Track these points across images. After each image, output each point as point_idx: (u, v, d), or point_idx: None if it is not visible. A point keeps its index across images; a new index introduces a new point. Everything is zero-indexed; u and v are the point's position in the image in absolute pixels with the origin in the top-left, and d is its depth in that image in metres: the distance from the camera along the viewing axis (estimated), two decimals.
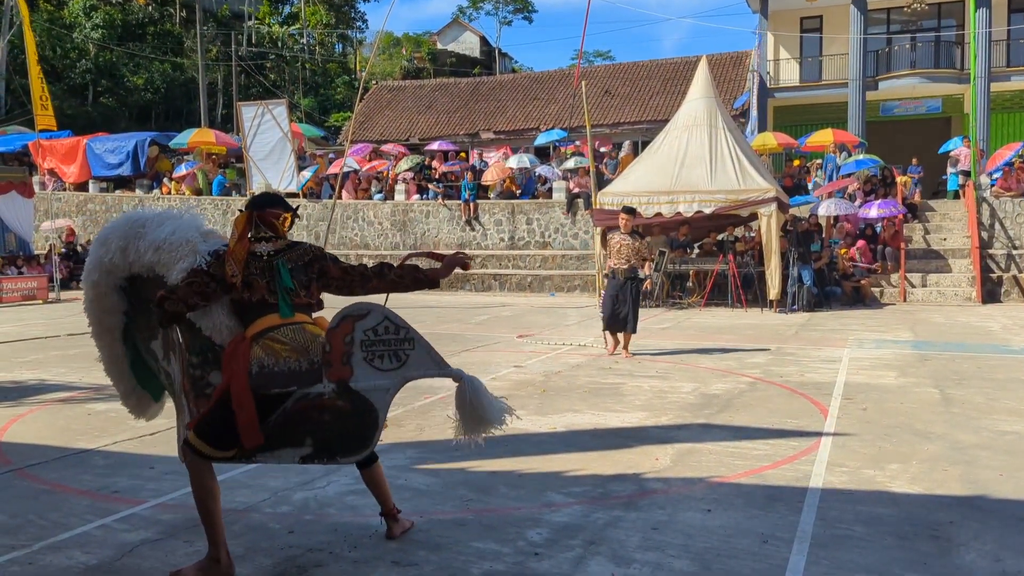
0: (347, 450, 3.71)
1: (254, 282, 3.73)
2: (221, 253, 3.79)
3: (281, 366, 3.62)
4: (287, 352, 3.64)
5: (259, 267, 3.76)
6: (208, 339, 3.75)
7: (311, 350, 3.66)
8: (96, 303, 4.20)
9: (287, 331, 3.69)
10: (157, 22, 48.36)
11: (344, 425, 3.66)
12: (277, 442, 3.67)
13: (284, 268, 3.79)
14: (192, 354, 3.78)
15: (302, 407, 3.63)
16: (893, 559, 3.83)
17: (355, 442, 3.69)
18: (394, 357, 3.66)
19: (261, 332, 3.68)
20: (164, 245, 3.86)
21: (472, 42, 62.64)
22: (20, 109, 37.15)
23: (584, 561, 3.83)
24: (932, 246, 18.65)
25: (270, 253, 3.80)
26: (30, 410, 7.23)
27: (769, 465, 5.38)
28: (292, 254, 3.85)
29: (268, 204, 3.85)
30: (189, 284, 3.66)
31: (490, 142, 31.37)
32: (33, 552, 3.98)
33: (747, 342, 11.48)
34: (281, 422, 3.64)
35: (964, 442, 5.95)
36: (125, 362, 4.37)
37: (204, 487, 3.65)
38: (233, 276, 3.70)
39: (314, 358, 3.65)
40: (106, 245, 4.04)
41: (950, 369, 9.12)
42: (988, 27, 24.46)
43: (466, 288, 21.06)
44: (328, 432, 3.66)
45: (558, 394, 7.84)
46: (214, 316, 3.75)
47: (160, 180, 26.47)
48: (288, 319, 3.73)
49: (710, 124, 16.13)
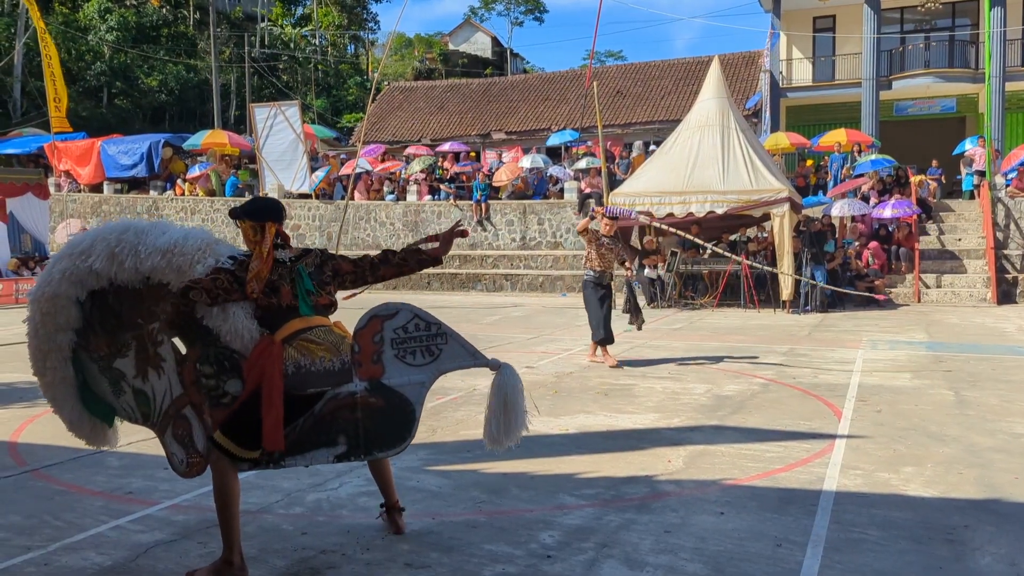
0: (384, 445, 3.75)
1: (280, 287, 3.79)
2: (242, 260, 3.82)
3: (317, 366, 3.67)
4: (322, 351, 3.70)
5: (282, 272, 3.83)
6: (225, 347, 3.72)
7: (342, 350, 3.73)
8: (50, 319, 3.92)
9: (320, 332, 3.76)
10: (171, 24, 48.63)
11: (379, 421, 3.71)
12: (309, 444, 3.70)
13: (305, 272, 3.88)
14: (204, 364, 3.74)
15: (333, 408, 3.68)
16: (908, 563, 3.81)
17: (392, 437, 3.74)
18: (427, 352, 3.74)
19: (292, 335, 3.72)
20: (175, 249, 3.78)
21: (484, 43, 62.70)
22: (36, 111, 37.41)
23: (596, 564, 3.82)
24: (947, 246, 18.54)
25: (291, 259, 3.88)
26: (45, 411, 7.25)
27: (782, 467, 5.36)
28: (309, 257, 3.95)
29: (277, 215, 3.92)
30: (213, 279, 3.67)
31: (502, 143, 31.37)
32: (49, 553, 4.00)
33: (760, 343, 11.44)
34: (312, 425, 3.68)
35: (979, 445, 5.91)
36: (75, 386, 4.05)
37: (226, 487, 3.68)
38: (253, 292, 3.73)
39: (344, 358, 3.71)
40: (87, 253, 3.83)
41: (965, 371, 9.07)
42: (1003, 26, 24.31)
43: (478, 288, 21.07)
44: (361, 429, 3.71)
45: (570, 395, 7.84)
46: (236, 321, 3.72)
47: (174, 181, 26.59)
48: (311, 320, 3.79)
49: (722, 124, 16.09)
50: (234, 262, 3.79)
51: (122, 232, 3.86)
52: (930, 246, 18.44)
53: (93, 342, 3.93)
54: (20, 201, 20.36)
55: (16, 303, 18.32)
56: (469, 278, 21.32)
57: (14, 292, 18.66)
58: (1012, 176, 19.31)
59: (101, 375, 3.96)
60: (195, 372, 3.76)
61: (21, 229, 21.13)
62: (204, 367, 3.74)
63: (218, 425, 3.69)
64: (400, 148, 30.61)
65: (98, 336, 3.92)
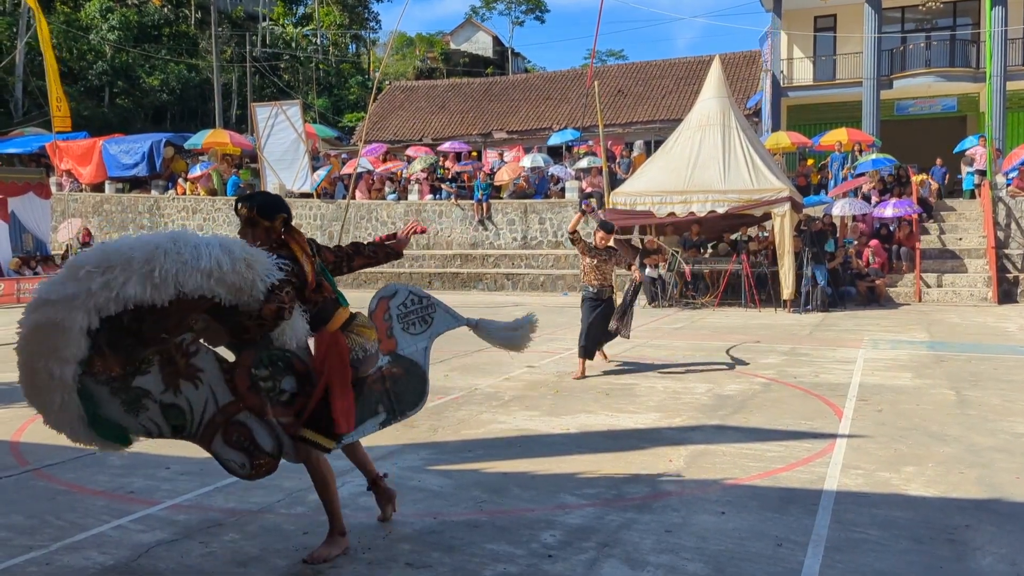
0: (410, 404, 4.30)
1: (321, 283, 4.00)
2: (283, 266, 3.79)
3: (370, 349, 4.07)
4: (375, 335, 4.14)
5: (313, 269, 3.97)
6: (278, 349, 3.81)
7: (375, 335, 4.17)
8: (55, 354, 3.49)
9: (361, 318, 4.14)
10: (172, 23, 48.64)
11: (403, 386, 4.26)
12: (358, 419, 4.06)
13: (324, 266, 4.10)
14: (259, 368, 3.78)
15: (370, 382, 4.15)
16: (909, 563, 3.82)
17: (414, 396, 4.31)
18: (422, 321, 4.43)
19: (344, 324, 4.00)
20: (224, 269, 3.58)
21: (485, 42, 62.69)
22: (37, 111, 37.43)
23: (598, 563, 3.83)
24: (948, 246, 18.53)
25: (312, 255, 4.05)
26: None
27: (783, 467, 5.36)
28: (320, 254, 4.15)
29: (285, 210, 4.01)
30: (287, 293, 3.76)
31: (503, 142, 31.37)
32: (50, 552, 4.01)
33: (761, 342, 11.43)
34: (358, 401, 4.05)
35: (980, 444, 5.91)
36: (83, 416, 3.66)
37: (325, 474, 3.95)
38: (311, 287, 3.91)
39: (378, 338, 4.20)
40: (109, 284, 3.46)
41: (966, 370, 9.07)
42: (1004, 25, 24.29)
43: (479, 287, 21.08)
44: (392, 396, 4.22)
45: (571, 395, 7.84)
46: (296, 322, 3.86)
47: (175, 181, 26.61)
48: (350, 310, 4.08)
49: (723, 124, 16.08)
50: (285, 267, 3.79)
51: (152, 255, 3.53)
52: (931, 245, 18.43)
53: (100, 365, 3.66)
54: (22, 200, 20.38)
55: (18, 302, 18.34)
56: (470, 277, 21.33)
57: (15, 291, 18.66)
58: (1013, 175, 19.30)
59: (113, 397, 3.72)
60: (250, 377, 3.79)
61: (23, 228, 21.15)
62: (259, 371, 3.80)
63: (293, 423, 3.86)
64: (401, 147, 30.62)
65: (107, 358, 3.67)
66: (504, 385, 8.34)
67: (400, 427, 5.87)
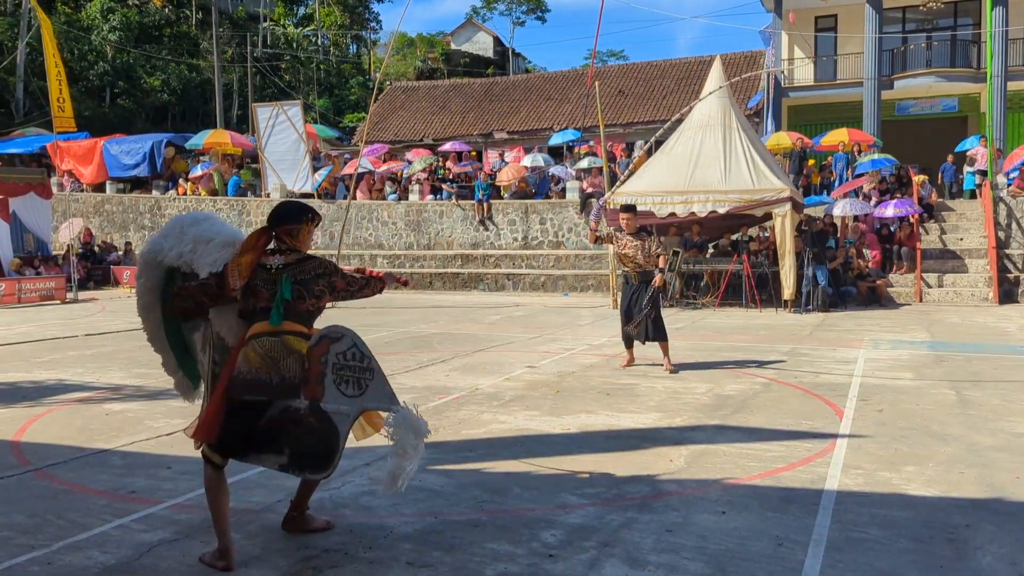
0: (314, 466, 3.82)
1: (259, 291, 3.88)
2: None
3: (252, 375, 3.79)
4: (258, 362, 3.80)
5: (265, 278, 3.91)
6: (223, 338, 4.06)
7: (283, 365, 3.80)
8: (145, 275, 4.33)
9: (266, 342, 3.83)
10: (173, 24, 48.68)
11: (313, 441, 3.77)
12: (265, 446, 3.81)
13: (288, 282, 3.89)
14: (216, 352, 4.07)
15: (284, 418, 3.78)
16: (909, 562, 3.82)
17: (321, 460, 3.79)
18: (356, 384, 3.78)
19: (249, 337, 3.88)
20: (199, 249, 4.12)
21: (486, 42, 62.69)
22: (38, 111, 37.45)
23: (598, 563, 3.83)
24: (948, 246, 18.53)
25: (279, 266, 3.94)
26: (48, 410, 7.29)
27: (784, 467, 5.36)
28: (301, 268, 3.95)
29: (282, 220, 3.98)
30: (201, 284, 3.97)
31: (504, 142, 31.38)
32: (52, 552, 4.02)
33: (761, 342, 11.44)
34: (267, 428, 3.80)
35: (980, 444, 5.92)
36: (167, 341, 4.45)
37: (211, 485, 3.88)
38: (233, 289, 3.87)
39: (285, 373, 3.80)
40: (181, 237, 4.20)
41: (966, 370, 9.07)
42: (1005, 26, 24.29)
43: (480, 288, 21.08)
44: (300, 445, 3.78)
45: (572, 395, 7.84)
46: (227, 318, 4.01)
47: (176, 181, 26.64)
48: (275, 327, 3.84)
49: (724, 124, 16.09)
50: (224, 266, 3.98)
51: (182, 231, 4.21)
52: (932, 245, 18.44)
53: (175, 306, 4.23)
54: (23, 201, 20.41)
55: (19, 303, 18.35)
56: (471, 277, 21.34)
57: (17, 292, 18.66)
58: (1014, 175, 19.30)
59: (189, 343, 4.42)
60: (211, 358, 4.13)
61: (24, 229, 21.18)
62: (216, 355, 4.11)
63: None
64: (402, 148, 30.64)
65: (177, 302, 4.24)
66: (505, 385, 8.34)
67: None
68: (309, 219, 4.02)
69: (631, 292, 9.30)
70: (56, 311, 16.91)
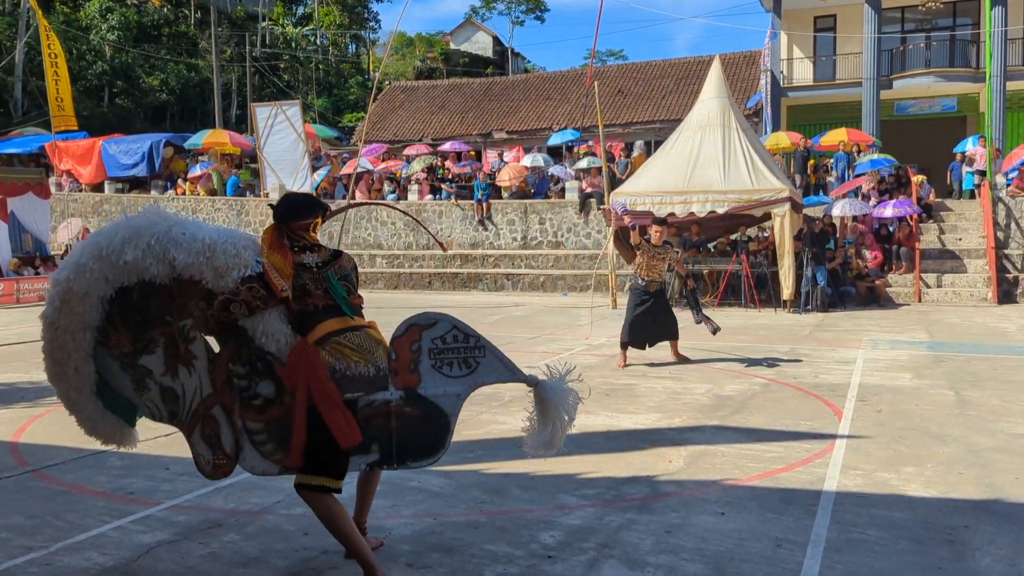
0: (417, 455, 3.71)
1: (312, 291, 3.72)
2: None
3: (353, 370, 3.64)
4: (356, 356, 3.66)
5: (311, 277, 3.74)
6: (260, 349, 3.68)
7: (376, 355, 3.71)
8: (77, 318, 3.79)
9: (352, 336, 3.70)
10: (172, 23, 48.65)
11: (414, 431, 3.67)
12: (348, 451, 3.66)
13: (334, 278, 3.78)
14: (237, 365, 3.72)
15: (367, 414, 3.64)
16: (908, 564, 3.82)
17: (425, 448, 3.70)
18: (464, 364, 3.72)
19: (324, 337, 3.66)
20: (217, 249, 3.70)
21: (485, 42, 62.69)
22: (37, 111, 37.43)
23: (597, 564, 3.83)
24: (947, 246, 18.53)
25: (318, 264, 3.79)
26: (47, 411, 7.29)
27: (783, 468, 5.36)
28: (338, 264, 3.84)
29: (294, 216, 3.80)
30: (251, 290, 3.62)
31: (503, 142, 31.37)
32: (51, 553, 4.02)
33: (761, 342, 11.44)
34: None
35: (980, 445, 5.92)
36: (94, 385, 3.92)
37: (329, 512, 3.61)
38: (284, 291, 3.64)
39: (380, 364, 3.69)
40: (120, 250, 3.70)
41: (965, 370, 9.07)
42: (1004, 26, 24.30)
43: (479, 288, 21.08)
44: (395, 438, 3.67)
45: None
46: (271, 323, 3.67)
47: (175, 181, 26.61)
48: (350, 323, 3.73)
49: (723, 124, 16.08)
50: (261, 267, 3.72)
51: (154, 224, 3.76)
52: (931, 246, 18.44)
53: (114, 339, 3.84)
54: (21, 201, 20.37)
55: (17, 303, 18.34)
56: (470, 277, 21.33)
57: (15, 292, 18.66)
58: (1013, 175, 19.30)
59: (123, 372, 3.87)
60: (227, 372, 3.73)
61: (22, 229, 21.14)
62: (236, 367, 3.72)
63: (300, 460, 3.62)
64: (401, 147, 30.62)
65: (120, 333, 3.83)
66: (504, 386, 8.32)
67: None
68: (323, 211, 3.90)
69: (646, 301, 9.48)
70: None
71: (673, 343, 9.84)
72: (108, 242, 3.73)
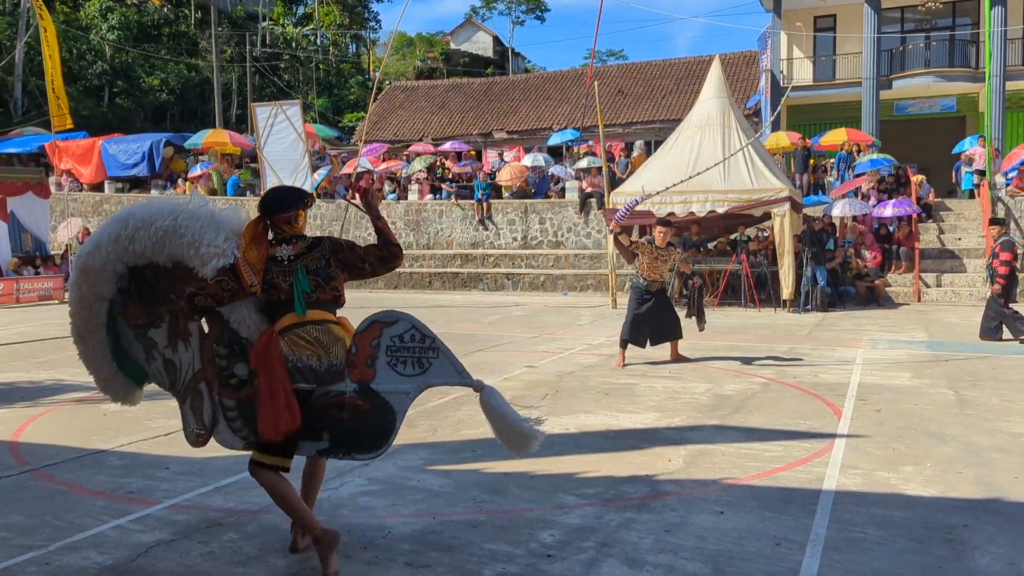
0: (364, 448, 3.84)
1: (278, 285, 3.86)
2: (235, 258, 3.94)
3: (303, 363, 3.79)
4: (310, 350, 3.80)
5: (279, 271, 3.88)
6: (236, 332, 3.92)
7: (332, 351, 3.82)
8: (95, 289, 4.23)
9: (311, 329, 3.84)
10: (172, 23, 48.65)
11: (363, 424, 3.79)
12: (303, 434, 3.83)
13: (303, 273, 3.88)
14: (219, 345, 3.97)
15: (323, 404, 3.80)
16: (907, 563, 3.82)
17: (371, 441, 3.82)
18: (417, 364, 3.80)
19: (286, 328, 3.83)
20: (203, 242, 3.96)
21: (485, 42, 62.70)
22: (37, 111, 37.43)
23: (597, 563, 3.83)
24: (947, 246, 18.53)
25: (290, 257, 3.91)
26: (46, 410, 7.29)
27: (782, 467, 5.36)
28: (312, 255, 3.94)
29: (278, 209, 3.92)
30: (219, 282, 3.83)
31: (503, 142, 31.38)
32: (49, 552, 4.01)
33: (760, 342, 11.44)
34: (306, 416, 3.80)
35: (979, 444, 5.92)
36: (109, 349, 4.40)
37: (278, 489, 3.82)
38: (252, 286, 3.82)
39: (334, 360, 3.81)
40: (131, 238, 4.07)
41: (965, 370, 9.07)
42: (1003, 26, 24.29)
43: (479, 287, 21.08)
44: (346, 429, 3.81)
45: (571, 395, 7.84)
46: (243, 311, 3.91)
47: (175, 180, 26.62)
48: (302, 318, 3.84)
49: (723, 124, 16.08)
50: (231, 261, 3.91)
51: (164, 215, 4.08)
52: (930, 245, 18.43)
53: (131, 311, 4.26)
54: (21, 200, 20.37)
55: (17, 303, 18.33)
56: (471, 277, 21.33)
57: (15, 291, 18.65)
58: (1012, 175, 19.30)
59: (137, 342, 4.30)
60: (212, 351, 3.99)
61: (22, 228, 21.14)
62: (219, 347, 3.98)
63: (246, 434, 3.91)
64: (402, 147, 30.63)
65: (136, 305, 4.24)
66: (504, 385, 8.34)
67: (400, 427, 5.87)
68: (305, 204, 4.02)
69: (647, 300, 9.52)
70: (54, 311, 16.89)
71: (674, 343, 9.85)
72: (123, 228, 4.11)
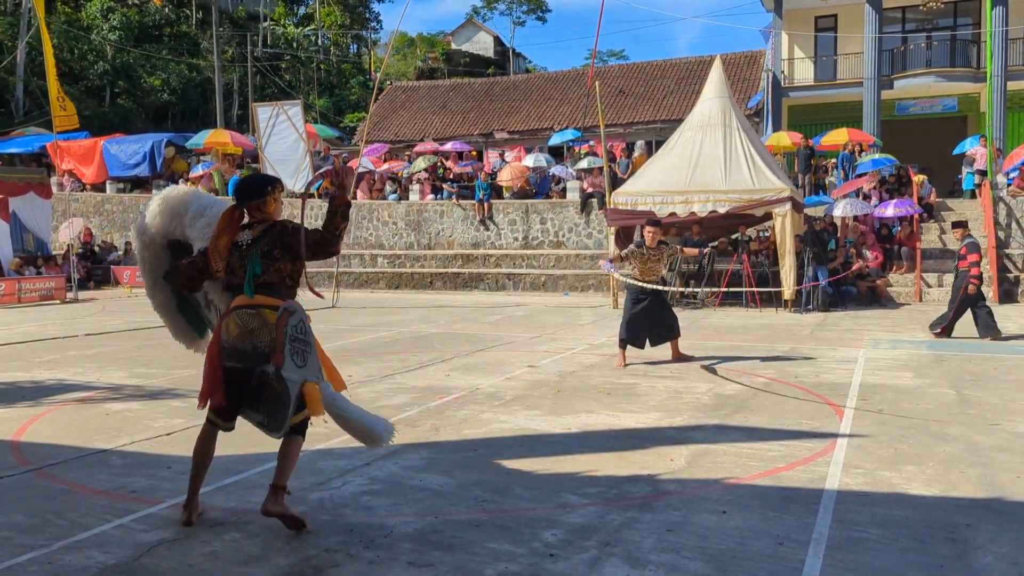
0: (273, 427, 4.22)
1: (235, 269, 4.21)
2: None
3: (231, 344, 4.16)
4: (236, 332, 4.15)
5: (238, 255, 4.21)
6: (219, 309, 4.51)
7: (256, 335, 4.13)
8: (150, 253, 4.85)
9: (243, 314, 4.17)
10: (173, 23, 48.68)
11: (276, 404, 4.15)
12: (251, 404, 4.28)
13: (256, 257, 4.18)
14: (212, 313, 4.66)
15: (261, 381, 4.19)
16: (909, 562, 3.82)
17: (276, 422, 4.18)
18: (301, 357, 4.13)
19: (232, 309, 4.21)
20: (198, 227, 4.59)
21: (486, 42, 62.70)
22: (38, 111, 37.45)
23: (599, 562, 3.83)
24: (948, 246, 18.52)
25: (248, 242, 4.22)
26: (48, 410, 7.29)
27: (784, 466, 5.36)
28: (265, 239, 4.22)
29: (247, 197, 4.27)
30: (191, 263, 4.34)
31: (504, 142, 31.38)
32: (52, 552, 4.01)
33: (761, 342, 11.44)
34: (252, 389, 4.24)
35: (980, 444, 5.92)
36: (174, 306, 4.96)
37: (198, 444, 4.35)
38: (218, 271, 4.21)
39: (258, 343, 4.12)
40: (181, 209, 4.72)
41: (966, 370, 9.07)
42: (1004, 25, 24.29)
43: (480, 288, 21.08)
44: (268, 407, 4.20)
45: (572, 394, 7.84)
46: (214, 290, 4.50)
47: (176, 180, 26.60)
48: (249, 300, 4.17)
49: (724, 124, 16.09)
50: None
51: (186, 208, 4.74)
52: (931, 245, 18.43)
53: None
54: (22, 200, 20.40)
55: (19, 302, 18.34)
56: (472, 277, 21.33)
57: (17, 291, 18.65)
58: (1014, 175, 19.30)
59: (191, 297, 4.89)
60: None
61: (23, 228, 21.17)
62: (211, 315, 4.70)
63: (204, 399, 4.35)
64: (403, 147, 30.63)
65: None
66: (505, 385, 8.34)
67: (401, 427, 5.90)
68: (271, 191, 4.29)
69: (642, 300, 9.53)
70: (56, 311, 16.91)
71: (674, 342, 9.84)
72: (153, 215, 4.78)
